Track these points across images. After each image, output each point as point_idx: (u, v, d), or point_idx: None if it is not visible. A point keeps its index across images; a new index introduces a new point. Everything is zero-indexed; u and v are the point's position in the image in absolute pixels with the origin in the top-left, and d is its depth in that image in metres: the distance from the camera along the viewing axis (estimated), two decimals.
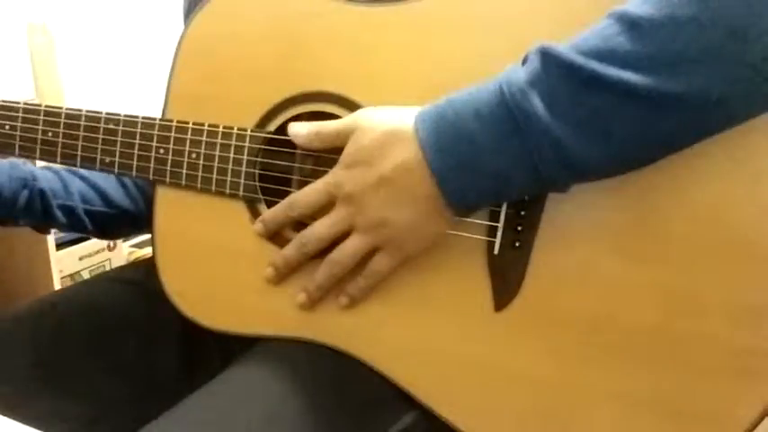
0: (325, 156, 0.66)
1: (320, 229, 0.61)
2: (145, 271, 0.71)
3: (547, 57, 0.52)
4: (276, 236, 0.66)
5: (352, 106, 0.63)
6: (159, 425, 0.56)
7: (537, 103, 0.51)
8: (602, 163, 0.53)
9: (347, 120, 0.61)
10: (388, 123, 0.58)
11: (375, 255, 0.61)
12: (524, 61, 0.55)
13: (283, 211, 0.63)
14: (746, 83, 0.49)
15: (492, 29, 0.60)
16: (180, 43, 0.69)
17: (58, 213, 0.82)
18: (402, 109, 0.59)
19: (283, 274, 0.65)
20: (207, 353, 0.74)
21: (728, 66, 0.49)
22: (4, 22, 1.72)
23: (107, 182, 0.86)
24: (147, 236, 0.73)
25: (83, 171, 0.85)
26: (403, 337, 0.63)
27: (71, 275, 1.64)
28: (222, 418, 0.56)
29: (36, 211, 0.81)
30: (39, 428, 0.42)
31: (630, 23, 0.51)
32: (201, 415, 0.57)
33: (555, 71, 0.52)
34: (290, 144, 0.66)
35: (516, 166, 0.53)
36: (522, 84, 0.52)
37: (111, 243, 1.74)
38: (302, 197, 0.62)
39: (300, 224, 0.64)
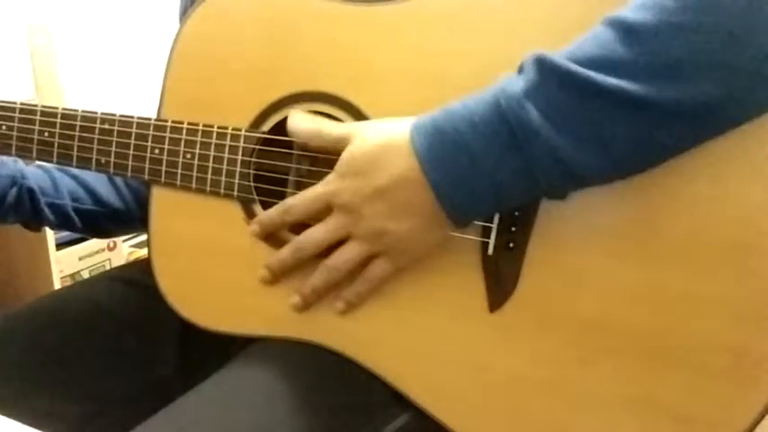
0: (322, 156, 0.66)
1: (317, 235, 0.61)
2: (145, 270, 0.71)
3: (543, 65, 0.52)
4: (271, 236, 0.66)
5: (347, 107, 0.63)
6: (149, 426, 0.56)
7: (534, 114, 0.51)
8: (602, 171, 0.53)
9: (349, 127, 0.61)
10: (384, 134, 0.58)
11: (373, 261, 0.60)
12: (520, 70, 0.54)
13: (279, 214, 0.63)
14: (745, 86, 0.49)
15: (489, 29, 0.60)
16: (174, 43, 0.69)
17: (47, 211, 0.82)
18: (398, 120, 0.58)
19: (278, 277, 0.65)
20: (206, 352, 0.74)
21: (727, 70, 0.48)
22: (5, 22, 1.72)
23: (98, 181, 0.86)
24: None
25: (74, 169, 0.85)
26: (397, 337, 0.63)
27: (71, 275, 1.65)
28: (211, 421, 0.56)
29: (25, 209, 0.81)
30: (38, 427, 0.42)
31: (626, 30, 0.50)
32: (190, 417, 0.57)
33: (551, 80, 0.51)
34: (285, 144, 0.66)
35: (516, 178, 0.53)
36: (519, 94, 0.52)
37: (111, 243, 1.75)
38: (299, 203, 0.62)
39: (299, 224, 0.64)
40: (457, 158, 0.54)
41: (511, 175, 0.53)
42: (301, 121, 0.63)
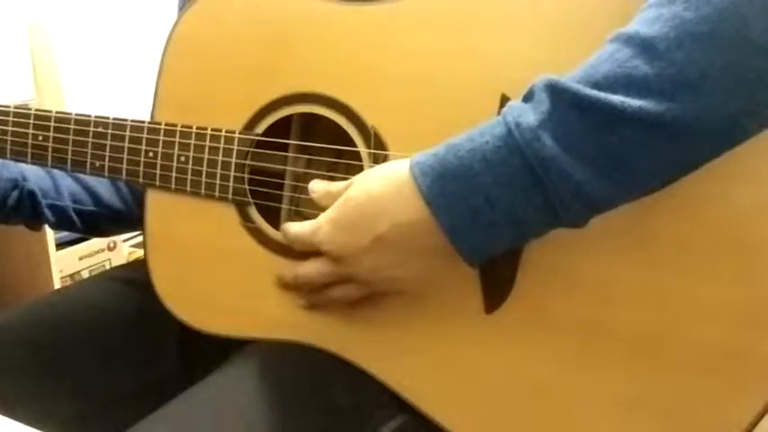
0: (317, 159, 0.66)
1: (316, 276, 0.60)
2: (145, 270, 0.71)
3: (557, 93, 0.49)
4: (270, 242, 0.66)
5: (340, 108, 0.63)
6: (142, 427, 0.56)
7: (552, 147, 0.48)
8: (625, 196, 0.51)
9: (354, 177, 0.59)
10: (383, 175, 0.55)
11: (377, 295, 0.60)
12: (527, 96, 0.51)
13: (286, 240, 0.62)
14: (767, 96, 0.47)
15: (484, 29, 0.59)
16: (168, 42, 0.68)
17: (48, 213, 0.83)
18: (395, 163, 0.56)
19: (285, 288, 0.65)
20: (206, 352, 0.74)
21: (752, 81, 0.46)
22: (5, 22, 1.72)
23: (99, 181, 0.87)
24: None
25: None
26: (393, 339, 0.62)
27: (71, 275, 1.65)
28: (205, 422, 0.56)
29: (25, 210, 0.82)
30: (37, 427, 0.42)
31: (643, 45, 0.47)
32: (184, 419, 0.57)
33: (569, 109, 0.48)
34: (279, 146, 0.66)
35: (536, 214, 0.50)
36: (534, 125, 0.48)
37: (111, 243, 1.75)
38: (295, 239, 0.60)
39: None
40: (470, 199, 0.50)
41: (531, 212, 0.50)
42: (317, 184, 0.61)
